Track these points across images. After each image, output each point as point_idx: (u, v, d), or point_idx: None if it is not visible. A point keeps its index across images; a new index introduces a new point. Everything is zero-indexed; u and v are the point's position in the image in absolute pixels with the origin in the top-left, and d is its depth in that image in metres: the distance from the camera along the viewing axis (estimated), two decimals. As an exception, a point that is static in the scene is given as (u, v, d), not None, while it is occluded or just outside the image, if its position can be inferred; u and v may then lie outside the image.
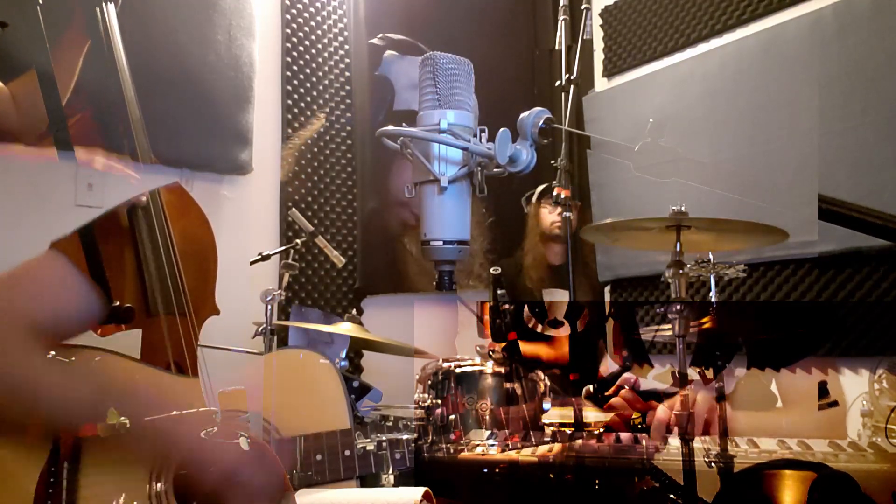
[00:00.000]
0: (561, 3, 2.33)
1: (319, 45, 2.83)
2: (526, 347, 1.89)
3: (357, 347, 2.60)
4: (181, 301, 1.21)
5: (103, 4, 1.49)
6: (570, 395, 1.76)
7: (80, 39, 1.53)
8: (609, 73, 3.15)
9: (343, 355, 2.15)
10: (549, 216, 2.75)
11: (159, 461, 1.13)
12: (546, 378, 1.86)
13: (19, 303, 1.12)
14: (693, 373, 1.24)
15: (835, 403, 1.47)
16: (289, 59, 2.74)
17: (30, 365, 1.06)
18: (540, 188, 2.77)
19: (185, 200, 1.30)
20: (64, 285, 1.15)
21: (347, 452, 1.28)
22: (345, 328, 2.12)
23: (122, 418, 1.06)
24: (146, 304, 1.18)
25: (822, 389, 1.46)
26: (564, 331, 2.11)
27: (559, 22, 2.31)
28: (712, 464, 1.13)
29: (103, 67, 1.53)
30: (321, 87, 2.82)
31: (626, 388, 1.56)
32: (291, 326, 2.43)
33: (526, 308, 2.06)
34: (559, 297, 2.66)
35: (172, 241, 1.22)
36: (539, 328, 2.15)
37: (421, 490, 1.15)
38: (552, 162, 2.01)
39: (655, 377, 1.56)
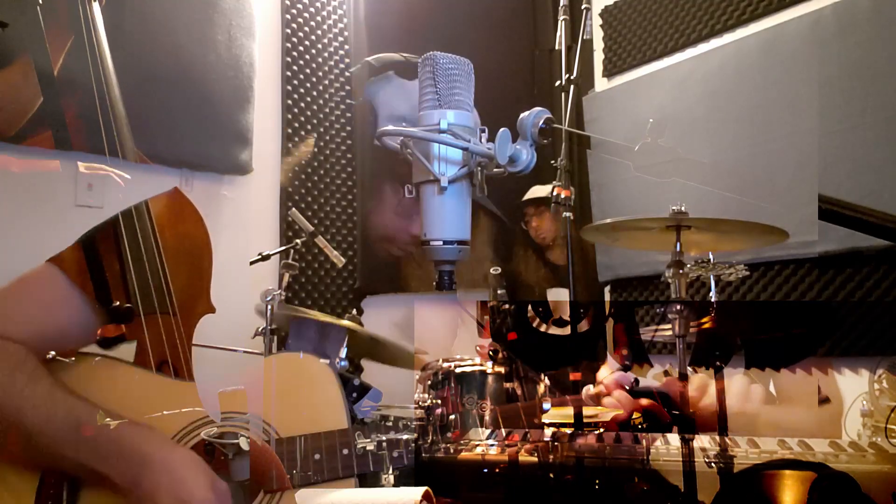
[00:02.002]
0: (561, 3, 2.33)
1: (319, 45, 2.83)
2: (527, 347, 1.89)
3: (357, 350, 2.60)
4: (164, 301, 1.20)
5: (87, 2, 1.49)
6: (571, 395, 1.76)
7: (62, 34, 1.53)
8: (609, 73, 3.15)
9: (343, 355, 2.15)
10: (532, 228, 2.78)
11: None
12: (546, 378, 1.86)
13: (14, 323, 1.11)
14: (693, 372, 1.24)
15: (826, 400, 1.48)
16: (289, 59, 2.74)
17: (17, 391, 1.05)
18: (528, 196, 2.78)
19: (175, 198, 1.29)
20: (61, 302, 1.15)
21: (345, 451, 1.28)
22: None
23: (108, 419, 1.05)
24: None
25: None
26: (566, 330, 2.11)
27: (559, 22, 2.31)
28: (712, 464, 1.13)
29: (87, 65, 1.53)
30: (321, 87, 2.82)
31: (622, 388, 1.57)
32: (291, 334, 2.43)
33: (529, 307, 2.05)
34: (562, 296, 2.67)
35: (157, 241, 1.22)
36: (543, 327, 2.14)
37: (421, 490, 1.15)
38: (552, 162, 2.01)
39: (654, 377, 1.56)
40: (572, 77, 2.17)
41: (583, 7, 2.85)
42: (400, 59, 2.49)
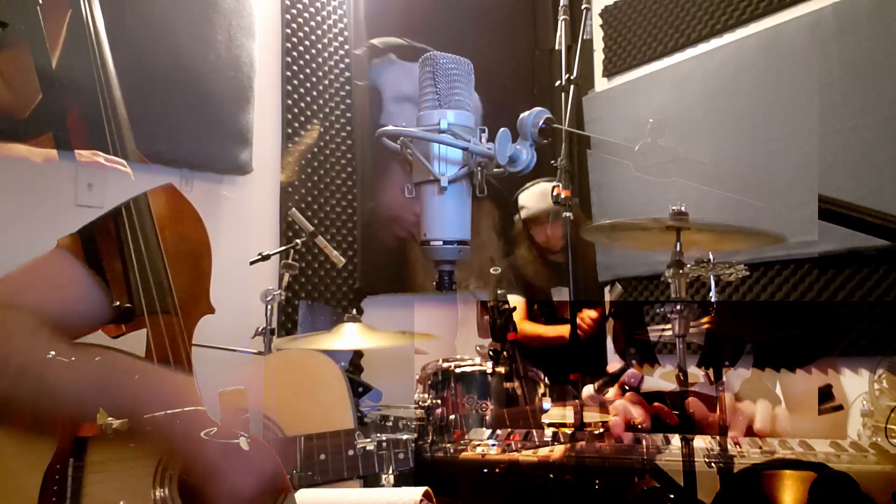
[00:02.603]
0: (561, 3, 2.33)
1: (319, 45, 2.83)
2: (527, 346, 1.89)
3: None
4: (166, 300, 1.20)
5: (89, 3, 1.49)
6: (571, 394, 1.76)
7: (62, 6, 1.52)
8: (609, 73, 3.15)
9: (343, 355, 2.15)
10: (540, 238, 2.76)
11: (164, 458, 1.13)
12: (546, 378, 1.86)
13: (29, 298, 1.12)
14: (698, 373, 1.24)
15: (839, 408, 1.47)
16: (289, 59, 2.74)
17: (39, 355, 1.07)
18: (527, 212, 2.76)
19: (174, 198, 1.29)
20: (72, 282, 1.15)
21: (351, 452, 1.28)
22: (346, 328, 2.11)
23: (110, 419, 1.06)
24: (130, 303, 1.18)
25: (827, 393, 1.46)
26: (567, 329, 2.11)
27: (559, 22, 2.31)
28: (712, 464, 1.13)
29: (90, 66, 1.53)
30: (321, 87, 2.82)
31: (630, 390, 1.56)
32: (298, 324, 2.43)
33: (535, 306, 2.06)
34: (565, 295, 2.67)
35: (159, 241, 1.22)
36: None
37: (421, 490, 1.15)
38: (552, 162, 2.01)
39: (663, 377, 1.55)
40: (572, 77, 2.17)
41: (583, 7, 2.85)
42: (403, 42, 2.49)
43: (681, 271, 1.22)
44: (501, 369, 1.83)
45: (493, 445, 1.30)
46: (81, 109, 2.03)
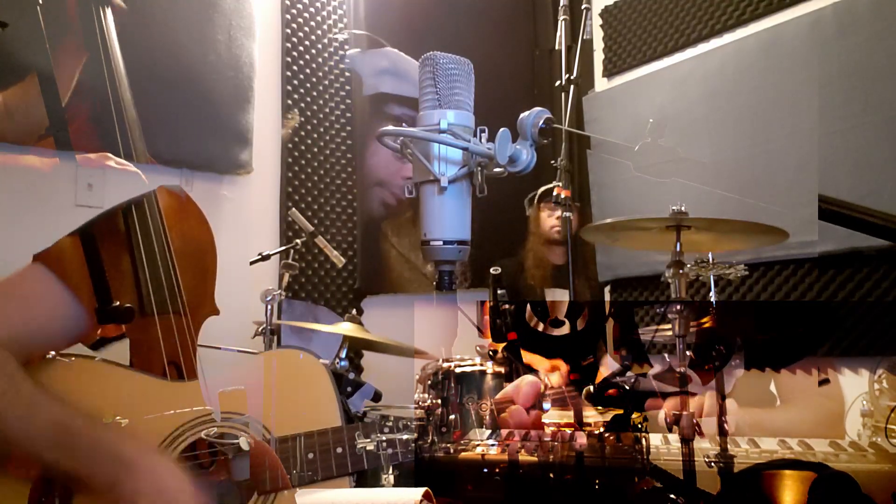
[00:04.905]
0: (561, 3, 2.33)
1: (319, 45, 2.83)
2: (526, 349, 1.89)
3: (357, 347, 2.60)
4: (176, 301, 1.20)
5: (101, 8, 1.49)
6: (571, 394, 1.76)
7: (79, 50, 1.53)
8: (609, 73, 3.15)
9: (343, 355, 2.15)
10: (549, 220, 2.76)
11: None
12: (546, 378, 1.86)
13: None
14: (692, 372, 1.24)
15: (826, 381, 1.48)
16: (289, 59, 2.75)
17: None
18: (541, 190, 2.78)
19: (182, 200, 1.30)
20: (45, 299, 1.12)
21: (339, 450, 1.27)
22: (345, 328, 2.11)
23: (118, 417, 1.05)
24: (140, 304, 1.18)
25: (823, 381, 1.47)
26: (565, 330, 2.10)
27: (559, 22, 2.31)
28: (712, 464, 1.13)
29: (101, 71, 1.53)
30: (321, 87, 2.82)
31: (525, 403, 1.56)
32: (283, 325, 2.43)
33: (528, 307, 2.05)
34: (560, 296, 2.66)
35: (168, 240, 1.22)
36: (541, 327, 2.14)
37: (421, 490, 1.15)
38: (552, 162, 2.01)
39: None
40: (572, 77, 2.17)
41: (583, 7, 2.85)
42: (367, 34, 2.55)
43: (681, 271, 1.22)
44: (501, 369, 1.83)
45: (493, 445, 1.30)
46: (91, 112, 2.04)
